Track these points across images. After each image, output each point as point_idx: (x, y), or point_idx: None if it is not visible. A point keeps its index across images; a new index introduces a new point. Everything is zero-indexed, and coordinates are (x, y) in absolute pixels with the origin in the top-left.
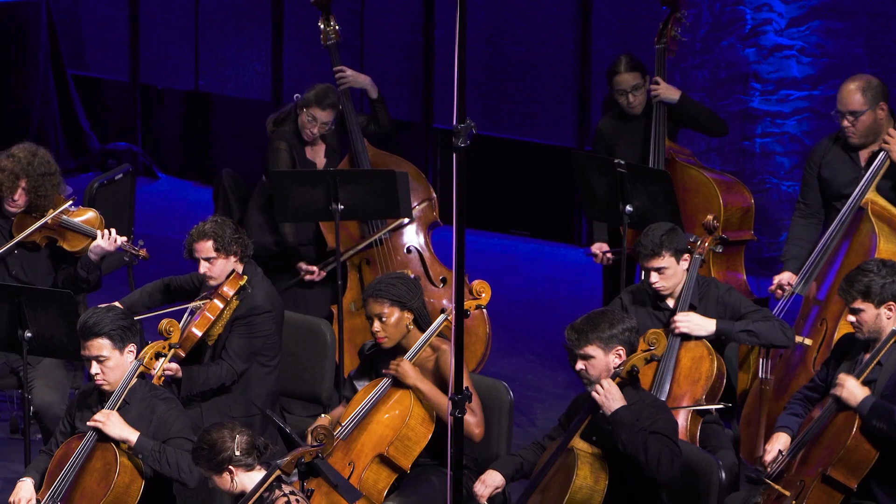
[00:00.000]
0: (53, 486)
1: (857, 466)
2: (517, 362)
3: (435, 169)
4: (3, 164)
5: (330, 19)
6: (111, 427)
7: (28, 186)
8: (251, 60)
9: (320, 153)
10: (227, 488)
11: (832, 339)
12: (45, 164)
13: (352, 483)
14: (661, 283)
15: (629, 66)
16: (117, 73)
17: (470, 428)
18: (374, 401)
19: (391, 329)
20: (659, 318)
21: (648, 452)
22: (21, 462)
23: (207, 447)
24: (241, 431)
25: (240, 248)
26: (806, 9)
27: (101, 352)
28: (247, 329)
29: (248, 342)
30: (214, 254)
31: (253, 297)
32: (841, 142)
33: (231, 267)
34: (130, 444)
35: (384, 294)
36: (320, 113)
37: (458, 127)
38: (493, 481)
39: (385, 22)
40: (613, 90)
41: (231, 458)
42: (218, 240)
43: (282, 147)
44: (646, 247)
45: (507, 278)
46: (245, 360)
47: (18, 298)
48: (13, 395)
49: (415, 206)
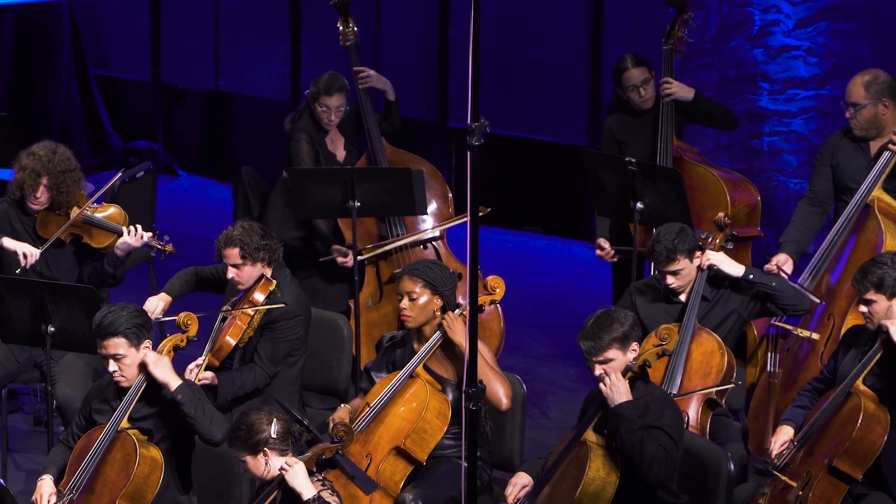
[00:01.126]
0: (74, 477)
1: (862, 457)
2: (530, 356)
3: (449, 166)
4: (24, 163)
5: (349, 21)
6: (158, 369)
7: (49, 183)
8: (270, 61)
9: (340, 145)
10: (259, 472)
11: (839, 333)
12: (65, 161)
13: (369, 474)
14: (677, 283)
15: (636, 62)
16: (139, 72)
17: (498, 395)
18: (391, 394)
19: (417, 309)
20: (671, 313)
21: (643, 451)
22: (44, 453)
23: (245, 428)
24: (279, 417)
25: (267, 253)
26: (813, 10)
27: (117, 350)
28: (277, 334)
29: (280, 346)
30: (241, 260)
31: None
32: (850, 135)
33: (259, 272)
34: (171, 388)
35: (420, 274)
36: (330, 100)
37: (472, 126)
38: (521, 482)
39: (401, 23)
40: (623, 87)
41: (267, 441)
42: (244, 247)
43: (303, 137)
44: (661, 253)
45: (520, 274)
46: (276, 364)
47: (42, 293)
48: (37, 388)
49: (432, 203)
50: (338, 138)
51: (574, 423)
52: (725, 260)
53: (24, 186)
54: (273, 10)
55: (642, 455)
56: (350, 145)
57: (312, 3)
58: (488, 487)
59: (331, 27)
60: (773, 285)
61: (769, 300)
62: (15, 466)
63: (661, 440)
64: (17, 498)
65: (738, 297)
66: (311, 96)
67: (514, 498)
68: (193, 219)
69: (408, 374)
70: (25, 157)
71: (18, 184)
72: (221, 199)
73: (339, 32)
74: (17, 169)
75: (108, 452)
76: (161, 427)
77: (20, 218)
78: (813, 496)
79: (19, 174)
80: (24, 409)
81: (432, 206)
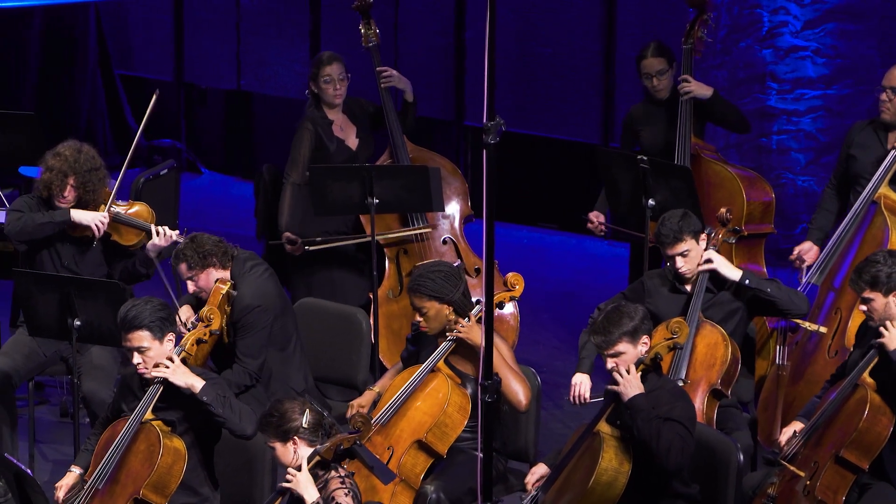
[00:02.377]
0: (99, 467)
1: (868, 448)
2: (545, 349)
3: (466, 164)
4: (50, 164)
5: (370, 23)
6: (178, 375)
7: (76, 183)
8: (290, 61)
9: (351, 133)
10: (287, 459)
11: (846, 327)
12: (91, 160)
13: (391, 467)
14: (686, 265)
15: (656, 52)
16: (162, 72)
17: (518, 397)
18: (413, 388)
19: (432, 321)
20: (677, 303)
21: (660, 440)
22: (70, 444)
23: (278, 415)
24: (312, 409)
25: (215, 257)
26: (820, 12)
27: (141, 343)
28: (244, 330)
29: (251, 340)
30: (190, 272)
31: (240, 300)
32: (874, 124)
33: (215, 276)
34: (195, 390)
35: (423, 290)
36: (331, 68)
37: (489, 124)
38: (541, 471)
39: (419, 25)
40: (640, 74)
41: (298, 430)
42: (189, 259)
43: (306, 126)
44: (667, 235)
45: (535, 269)
46: (254, 357)
47: (68, 288)
48: (63, 380)
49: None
50: (347, 126)
51: (588, 414)
52: (723, 263)
53: (52, 186)
54: (293, 11)
55: (659, 443)
56: (363, 135)
57: (331, 5)
58: (503, 478)
59: (349, 28)
60: (769, 291)
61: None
62: (42, 457)
63: (675, 429)
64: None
65: (741, 295)
66: (313, 77)
67: (533, 486)
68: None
69: (429, 369)
70: (51, 157)
71: (45, 184)
72: (243, 196)
73: (360, 34)
74: (44, 169)
75: (132, 443)
76: (184, 418)
77: None
78: (821, 486)
79: (46, 174)
80: (50, 401)
81: (451, 203)
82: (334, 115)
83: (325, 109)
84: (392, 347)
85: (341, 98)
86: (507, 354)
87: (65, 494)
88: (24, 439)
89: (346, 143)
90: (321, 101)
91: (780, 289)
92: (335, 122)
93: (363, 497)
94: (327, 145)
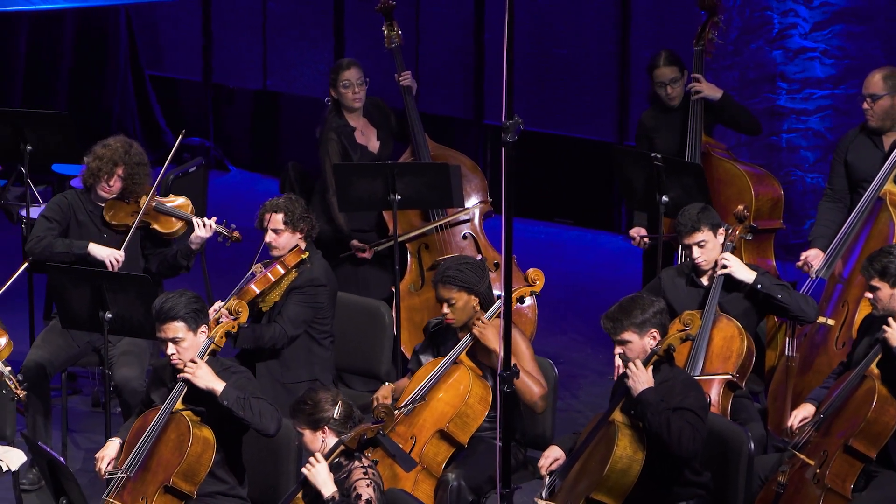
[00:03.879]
0: (131, 456)
1: (876, 437)
2: (562, 341)
3: (485, 162)
4: (100, 153)
5: (393, 24)
6: (199, 378)
7: (124, 174)
8: (315, 62)
9: (372, 137)
10: (315, 447)
11: (853, 319)
12: (139, 155)
13: (413, 455)
14: (703, 256)
15: (668, 61)
16: (191, 73)
17: (534, 399)
18: (436, 379)
19: (459, 312)
20: (694, 297)
21: (671, 428)
22: (102, 433)
23: (311, 404)
24: (344, 401)
25: (307, 226)
26: (828, 14)
27: (176, 334)
28: (302, 298)
29: (303, 310)
30: (283, 226)
31: (311, 271)
32: (866, 130)
33: (295, 242)
34: (216, 393)
35: (452, 280)
36: (349, 73)
37: (507, 123)
38: (553, 454)
39: (439, 27)
40: (653, 83)
41: (328, 420)
42: (288, 214)
43: (331, 137)
44: (685, 224)
45: (552, 263)
46: (297, 327)
47: (100, 282)
48: (95, 371)
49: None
50: (368, 130)
51: (603, 404)
52: (739, 266)
53: (100, 174)
54: (318, 14)
55: (670, 432)
56: (383, 135)
57: (354, 7)
58: (523, 465)
59: (372, 30)
60: (779, 297)
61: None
62: (74, 445)
63: (686, 417)
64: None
65: (753, 297)
66: (332, 83)
67: (547, 469)
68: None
69: (451, 361)
70: (101, 147)
71: (93, 172)
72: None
73: (383, 36)
74: (92, 158)
75: (162, 433)
76: (213, 409)
77: (86, 207)
78: (830, 474)
79: (94, 163)
80: (83, 391)
81: (471, 199)
82: (355, 120)
83: (345, 115)
84: (413, 339)
85: (360, 102)
86: (525, 355)
87: (107, 466)
88: (58, 428)
89: (368, 148)
90: (341, 107)
91: (791, 295)
92: (357, 129)
93: (386, 484)
94: (352, 155)
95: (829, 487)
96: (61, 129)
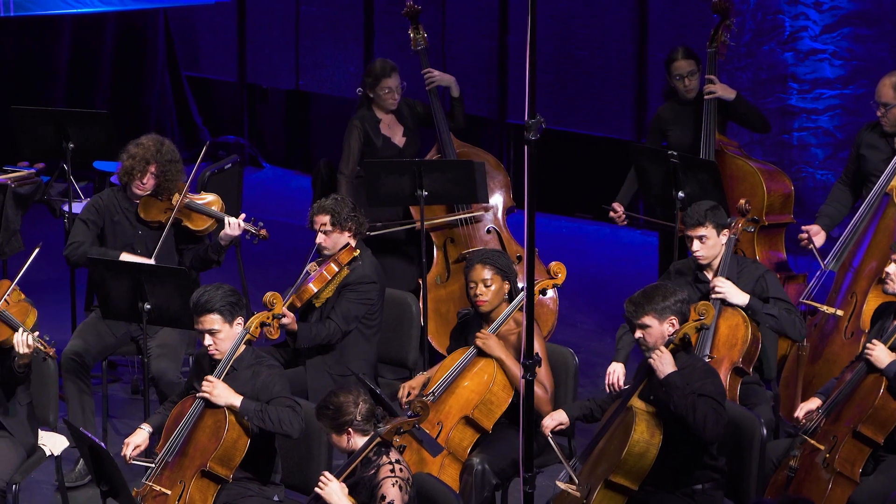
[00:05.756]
0: (169, 442)
1: (884, 423)
2: (581, 331)
3: (508, 159)
4: (133, 152)
5: (419, 28)
6: (217, 396)
7: (157, 171)
8: (345, 63)
9: (398, 132)
10: (342, 446)
11: (861, 310)
12: (171, 153)
13: (440, 441)
14: (702, 251)
15: (685, 54)
16: (227, 74)
17: (539, 404)
18: (461, 367)
19: (492, 294)
20: (699, 290)
21: (696, 413)
22: (140, 419)
23: (333, 408)
24: (365, 400)
25: (354, 224)
26: (837, 17)
27: (213, 325)
28: (355, 295)
29: (355, 307)
30: (330, 227)
31: (362, 268)
32: (879, 128)
33: (345, 240)
34: (235, 408)
35: (490, 262)
36: (390, 81)
37: (530, 122)
38: (559, 418)
39: (464, 29)
40: (671, 76)
41: (352, 422)
42: (335, 216)
43: (355, 124)
44: (691, 217)
45: (573, 256)
46: (350, 323)
47: (139, 274)
48: (134, 360)
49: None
50: (395, 125)
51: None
52: (732, 291)
53: (133, 173)
54: (348, 18)
55: (696, 417)
56: (410, 134)
57: (383, 11)
58: (545, 450)
59: (400, 32)
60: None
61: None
62: (114, 431)
63: (709, 403)
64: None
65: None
66: (370, 85)
67: (549, 430)
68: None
69: (476, 351)
70: (134, 146)
71: (127, 170)
72: (301, 189)
73: (409, 38)
74: (126, 157)
75: (200, 419)
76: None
77: (121, 205)
78: (839, 458)
79: (128, 161)
80: (122, 379)
81: (495, 195)
82: (382, 114)
83: (374, 110)
84: (440, 329)
85: (396, 105)
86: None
87: (132, 452)
88: (98, 415)
89: (392, 140)
90: (372, 103)
91: (780, 321)
92: (383, 121)
93: (413, 469)
94: (374, 141)
95: (839, 471)
96: (102, 128)
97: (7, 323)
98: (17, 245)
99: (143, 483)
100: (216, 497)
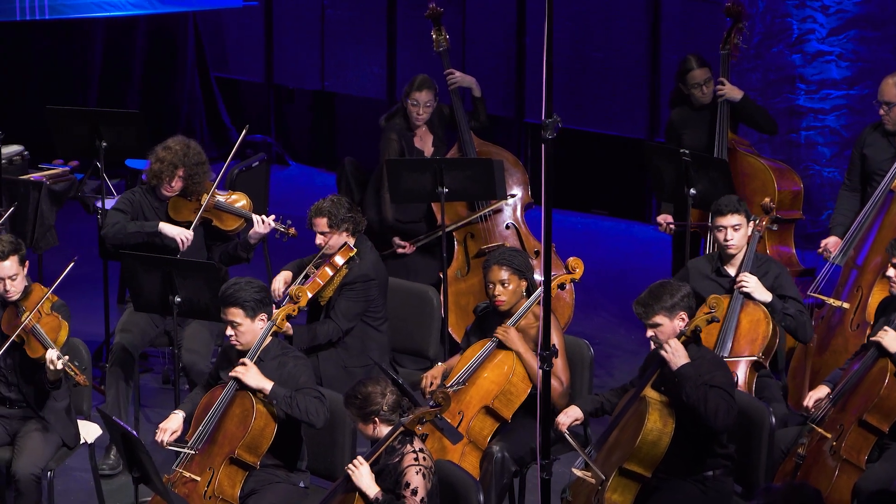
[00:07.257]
0: (199, 430)
1: (889, 412)
2: (597, 323)
3: (526, 157)
4: (161, 156)
5: (441, 29)
6: (249, 377)
7: (185, 174)
8: (369, 64)
9: (428, 142)
10: (368, 434)
11: (867, 303)
12: (198, 154)
13: (461, 429)
14: (735, 240)
15: (700, 63)
16: (254, 75)
17: (554, 396)
18: (482, 359)
19: (510, 294)
20: (721, 284)
21: (708, 404)
22: (171, 408)
23: (361, 398)
24: (392, 391)
25: (351, 224)
26: (844, 20)
27: (235, 318)
28: (353, 294)
29: (354, 305)
30: (328, 229)
31: (360, 267)
32: (881, 129)
33: (343, 240)
34: (265, 392)
35: (507, 263)
36: (419, 95)
37: (547, 121)
38: (574, 413)
39: (483, 31)
40: (688, 85)
41: (378, 412)
42: (331, 217)
43: (392, 137)
44: (727, 206)
45: (589, 251)
46: (349, 321)
47: (170, 268)
48: (165, 351)
49: (513, 188)
50: (426, 136)
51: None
52: (758, 287)
53: (162, 176)
54: (372, 20)
55: (707, 406)
56: (438, 142)
57: (406, 14)
58: (561, 439)
59: (422, 34)
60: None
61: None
62: (146, 420)
63: (720, 394)
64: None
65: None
66: (405, 93)
67: (565, 427)
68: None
69: (496, 343)
70: (162, 150)
71: (155, 173)
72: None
73: (432, 40)
74: (154, 161)
75: (228, 408)
76: None
77: (152, 204)
78: (846, 446)
79: (156, 165)
80: (153, 370)
81: (513, 192)
82: None
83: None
84: (460, 322)
85: (423, 122)
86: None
87: (169, 438)
88: (131, 404)
89: (423, 153)
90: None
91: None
92: (417, 134)
93: (435, 456)
94: (409, 156)
95: (845, 459)
96: (134, 127)
97: (39, 340)
98: (51, 240)
99: (173, 469)
100: (244, 483)
